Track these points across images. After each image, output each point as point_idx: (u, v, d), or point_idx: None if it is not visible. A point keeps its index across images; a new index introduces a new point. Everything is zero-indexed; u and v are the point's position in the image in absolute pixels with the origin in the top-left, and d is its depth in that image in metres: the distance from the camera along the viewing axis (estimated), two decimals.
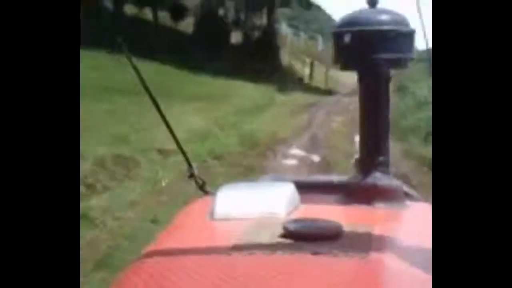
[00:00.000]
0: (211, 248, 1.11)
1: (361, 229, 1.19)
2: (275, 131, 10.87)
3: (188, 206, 1.53)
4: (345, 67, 1.53)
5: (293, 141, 10.34)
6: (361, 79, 1.47)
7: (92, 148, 6.69)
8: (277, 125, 11.67)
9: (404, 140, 10.02)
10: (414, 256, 1.05)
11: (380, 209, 1.39)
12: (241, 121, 11.51)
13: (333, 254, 1.02)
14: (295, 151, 9.45)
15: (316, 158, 8.87)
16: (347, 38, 1.41)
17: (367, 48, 1.41)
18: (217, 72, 18.44)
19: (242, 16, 26.11)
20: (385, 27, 1.40)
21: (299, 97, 18.33)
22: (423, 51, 1.59)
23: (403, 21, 1.43)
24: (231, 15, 26.05)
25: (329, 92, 22.51)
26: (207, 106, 13.01)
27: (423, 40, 1.48)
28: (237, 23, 25.87)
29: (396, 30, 1.40)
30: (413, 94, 14.79)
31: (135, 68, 1.43)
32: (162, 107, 1.51)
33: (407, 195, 1.50)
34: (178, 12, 24.45)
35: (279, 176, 1.94)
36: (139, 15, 23.64)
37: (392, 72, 1.47)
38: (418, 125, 10.68)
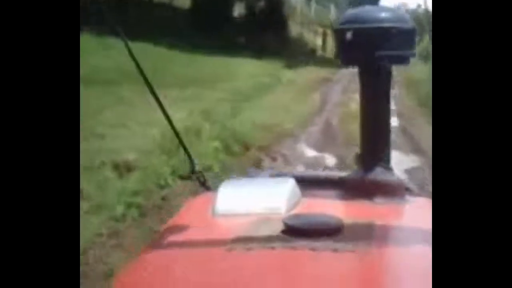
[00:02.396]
0: (212, 243, 1.11)
1: (361, 224, 1.18)
2: (276, 122, 8.40)
3: (189, 202, 1.54)
4: (347, 63, 1.52)
5: (300, 134, 7.89)
6: (362, 75, 1.48)
7: None
8: (280, 113, 9.22)
9: None
10: (414, 251, 1.07)
11: (381, 204, 1.38)
12: (235, 111, 9.12)
13: (334, 249, 1.02)
14: (302, 150, 7.02)
15: (330, 159, 6.44)
16: (348, 35, 1.43)
17: (368, 45, 1.43)
18: (216, 50, 16.24)
19: None
20: (386, 25, 1.43)
21: (310, 72, 15.82)
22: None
23: (404, 19, 1.46)
24: None
25: None
26: (197, 92, 10.77)
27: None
28: None
29: (397, 27, 1.43)
30: None
31: (130, 52, 1.40)
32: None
33: (408, 190, 1.48)
34: None
35: (280, 171, 1.95)
36: None
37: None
38: None
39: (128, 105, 8.81)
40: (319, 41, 23.60)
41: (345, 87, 12.67)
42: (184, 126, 7.59)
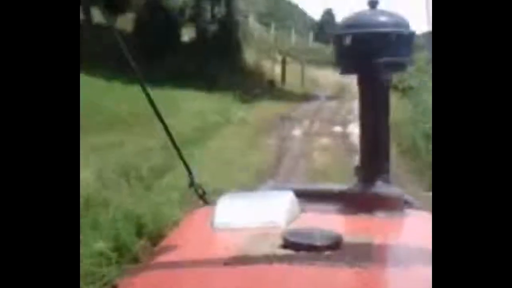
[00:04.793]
0: (211, 259, 1.12)
1: (361, 239, 1.18)
2: (215, 186, 6.24)
3: (189, 216, 1.55)
4: (346, 71, 1.52)
5: None
6: (361, 83, 1.45)
7: None
8: (223, 170, 7.07)
9: None
10: (414, 265, 1.06)
11: (380, 218, 1.37)
12: (165, 166, 6.97)
13: (333, 264, 1.03)
14: None
15: None
16: (347, 40, 1.39)
17: (367, 51, 1.40)
18: (160, 80, 14.08)
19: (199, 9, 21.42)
20: (386, 29, 1.39)
21: (267, 108, 13.77)
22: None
23: (403, 23, 1.42)
24: (185, 7, 21.38)
25: (306, 97, 17.86)
26: (125, 137, 8.64)
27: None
28: (193, 17, 21.23)
29: (396, 33, 1.39)
30: None
31: (144, 88, 1.39)
32: None
33: (407, 204, 1.46)
34: (114, 6, 19.82)
35: (279, 184, 2.00)
36: None
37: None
38: None
39: None
40: (278, 70, 21.64)
41: (306, 129, 10.60)
42: (86, 194, 5.41)
